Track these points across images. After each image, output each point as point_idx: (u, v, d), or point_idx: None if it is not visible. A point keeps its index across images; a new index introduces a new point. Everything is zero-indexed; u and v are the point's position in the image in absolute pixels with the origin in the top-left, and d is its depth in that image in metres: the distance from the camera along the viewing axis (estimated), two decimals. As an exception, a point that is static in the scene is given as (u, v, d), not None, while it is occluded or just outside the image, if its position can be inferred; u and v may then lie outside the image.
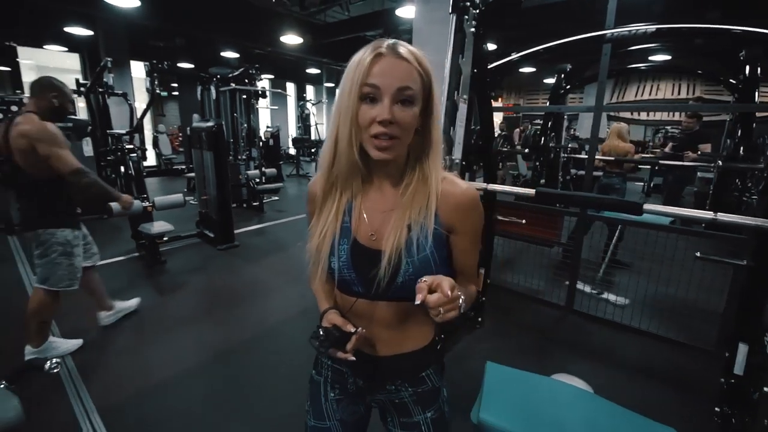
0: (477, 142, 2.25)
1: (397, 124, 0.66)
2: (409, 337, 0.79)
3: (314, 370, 0.90)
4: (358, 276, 0.74)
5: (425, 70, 0.69)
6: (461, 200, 0.73)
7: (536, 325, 2.74)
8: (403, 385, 0.81)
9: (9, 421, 0.98)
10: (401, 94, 0.65)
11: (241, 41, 6.43)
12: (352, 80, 0.66)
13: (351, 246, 0.74)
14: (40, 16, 5.63)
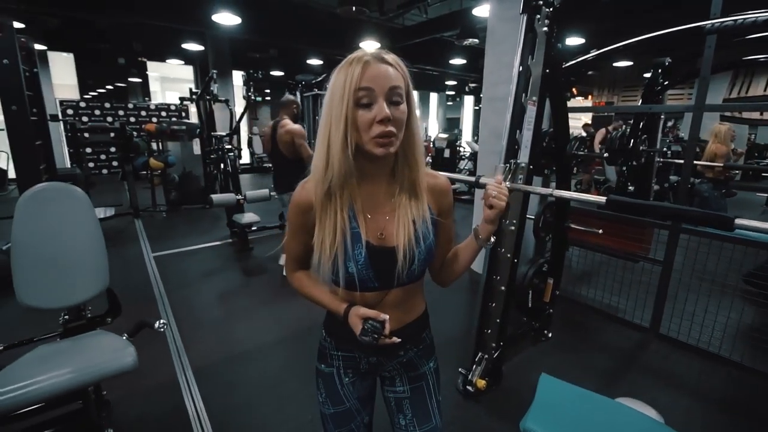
0: (550, 145, 2.15)
1: (394, 122, 0.71)
2: (412, 309, 0.90)
3: (322, 364, 0.95)
4: (375, 273, 0.80)
5: (405, 70, 0.75)
6: (443, 189, 0.86)
7: (612, 345, 2.51)
8: (411, 350, 0.92)
9: (126, 365, 1.24)
10: (393, 93, 0.71)
11: (324, 49, 6.89)
12: (344, 88, 0.70)
13: (367, 249, 0.78)
14: (163, 35, 6.69)
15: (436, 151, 6.44)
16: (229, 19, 4.64)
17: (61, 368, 1.18)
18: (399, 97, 0.72)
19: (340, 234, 0.76)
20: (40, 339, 1.51)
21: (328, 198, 0.77)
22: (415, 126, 0.78)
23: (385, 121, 0.70)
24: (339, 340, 0.91)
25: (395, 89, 0.71)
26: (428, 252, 0.82)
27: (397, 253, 0.77)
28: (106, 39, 6.92)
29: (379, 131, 0.70)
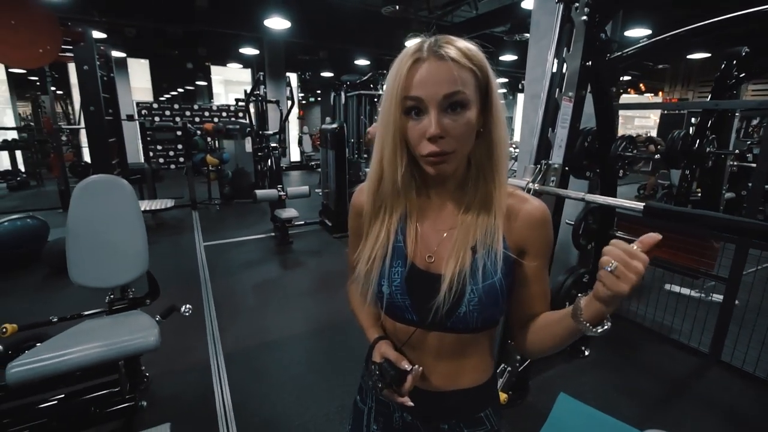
0: (593, 145, 1.97)
1: (450, 136, 0.57)
2: (467, 372, 0.69)
3: (358, 396, 0.82)
4: (413, 303, 0.65)
5: (479, 66, 0.58)
6: (533, 217, 0.63)
7: (661, 368, 2.25)
8: (458, 426, 0.71)
9: (149, 345, 1.34)
10: (449, 101, 0.56)
11: (370, 49, 6.96)
12: (392, 94, 0.58)
13: (407, 269, 0.65)
14: (224, 40, 7.19)
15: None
16: (280, 23, 4.86)
17: (93, 342, 1.31)
18: (460, 103, 0.56)
19: (381, 247, 0.65)
20: (87, 314, 1.68)
21: (379, 211, 0.66)
22: (496, 131, 0.62)
23: (434, 139, 0.56)
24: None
25: (453, 96, 0.55)
26: (488, 295, 0.61)
27: (441, 282, 0.61)
28: (176, 46, 7.56)
29: (428, 151, 0.57)
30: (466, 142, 0.60)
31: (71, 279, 1.61)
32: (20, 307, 2.90)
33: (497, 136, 0.62)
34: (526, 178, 1.67)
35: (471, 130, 0.59)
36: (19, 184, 7.51)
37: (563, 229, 2.28)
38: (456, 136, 0.57)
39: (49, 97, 5.39)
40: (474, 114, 0.59)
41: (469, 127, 0.58)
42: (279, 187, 4.39)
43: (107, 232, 1.66)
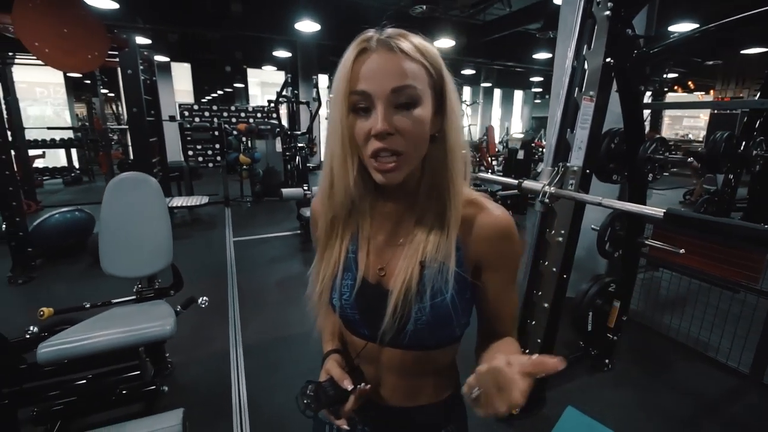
0: (620, 147, 1.87)
1: (400, 134, 0.51)
2: (425, 388, 0.66)
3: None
4: (362, 317, 0.62)
5: (432, 63, 0.53)
6: (491, 228, 0.58)
7: (693, 387, 2.09)
8: None
9: (164, 334, 1.42)
10: (399, 96, 0.50)
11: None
12: (337, 90, 0.53)
13: (356, 282, 0.61)
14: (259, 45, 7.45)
15: (509, 153, 6.05)
16: (309, 26, 4.98)
17: (116, 328, 1.41)
18: (410, 98, 0.51)
19: (334, 263, 0.62)
20: (116, 302, 1.80)
21: (333, 220, 0.61)
22: (452, 136, 0.55)
23: (382, 136, 0.50)
24: None
25: (402, 90, 0.50)
26: (437, 314, 0.57)
27: (388, 300, 0.57)
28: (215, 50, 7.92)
29: (375, 148, 0.51)
30: (418, 144, 0.53)
31: (103, 269, 1.74)
32: (63, 293, 3.15)
33: (453, 141, 0.56)
34: (543, 181, 1.61)
35: (423, 130, 0.53)
36: (73, 180, 8.16)
37: (588, 236, 2.17)
38: (406, 135, 0.51)
39: (99, 100, 5.83)
40: (427, 113, 0.53)
41: (422, 127, 0.52)
42: (305, 186, 4.49)
43: (135, 226, 1.77)
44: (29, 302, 2.97)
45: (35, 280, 3.39)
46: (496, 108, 15.48)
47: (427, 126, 0.53)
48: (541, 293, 1.75)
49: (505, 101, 15.68)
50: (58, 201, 6.30)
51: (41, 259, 3.69)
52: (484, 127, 11.18)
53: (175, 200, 5.29)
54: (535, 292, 1.76)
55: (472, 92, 14.31)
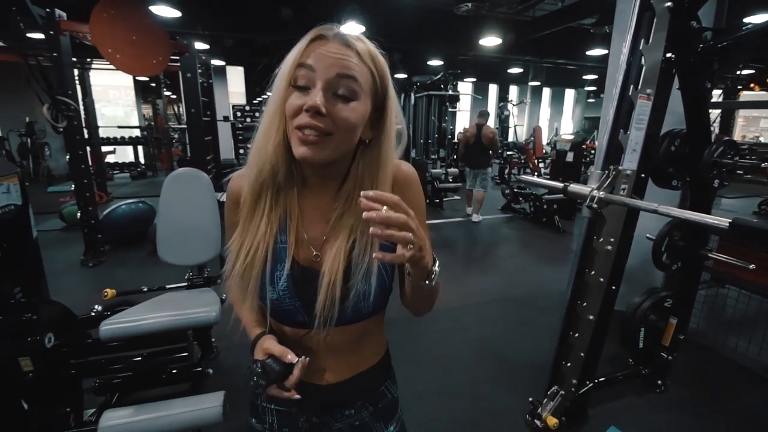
0: (682, 150, 1.72)
1: (331, 118, 0.52)
2: (365, 355, 0.70)
3: (253, 418, 0.76)
4: (302, 304, 0.62)
5: (379, 71, 0.56)
6: (401, 177, 0.64)
7: (759, 418, 1.87)
8: (363, 406, 0.72)
9: (210, 319, 1.51)
10: (340, 83, 0.52)
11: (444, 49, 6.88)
12: (285, 63, 0.54)
13: (290, 271, 0.61)
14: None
15: (557, 155, 5.75)
16: (354, 28, 5.06)
17: (167, 311, 1.52)
18: (350, 91, 0.53)
19: (262, 248, 0.60)
20: (169, 287, 1.95)
21: (257, 198, 0.60)
22: (385, 145, 0.59)
23: (312, 112, 0.51)
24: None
25: (346, 79, 0.52)
26: (372, 284, 0.59)
27: (320, 281, 0.58)
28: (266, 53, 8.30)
29: (303, 122, 0.52)
30: (346, 135, 0.55)
31: (159, 256, 1.88)
32: (126, 276, 3.46)
33: (386, 150, 0.60)
34: (591, 185, 1.52)
35: (353, 123, 0.54)
36: (138, 174, 8.94)
37: (643, 245, 2.02)
38: (337, 120, 0.53)
39: (162, 101, 6.32)
40: (361, 111, 0.55)
41: (355, 118, 0.54)
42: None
43: (188, 218, 1.90)
44: (97, 283, 3.29)
45: (103, 264, 3.76)
46: (545, 108, 14.81)
47: (358, 121, 0.55)
48: (585, 304, 1.66)
49: (555, 101, 14.96)
50: (125, 193, 6.93)
51: (109, 245, 4.08)
52: (531, 127, 10.75)
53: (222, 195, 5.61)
54: (579, 302, 1.66)
55: (519, 91, 13.80)
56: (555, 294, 2.94)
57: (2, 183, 1.37)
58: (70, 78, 3.47)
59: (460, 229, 5.27)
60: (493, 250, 4.54)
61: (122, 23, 3.45)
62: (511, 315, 2.92)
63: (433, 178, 6.07)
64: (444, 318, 2.78)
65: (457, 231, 5.19)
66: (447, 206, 6.36)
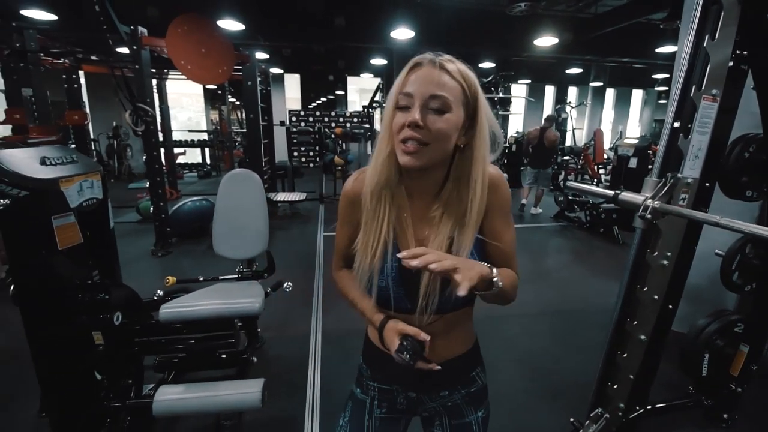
0: (758, 157, 1.53)
1: (428, 129, 0.64)
2: (458, 341, 0.81)
3: (358, 388, 0.89)
4: (406, 292, 0.73)
5: (469, 85, 0.67)
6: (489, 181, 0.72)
7: None
8: (456, 389, 0.83)
9: (253, 310, 1.62)
10: (434, 101, 0.64)
11: (496, 51, 6.69)
12: (392, 91, 0.68)
13: (399, 264, 0.69)
14: (358, 54, 7.91)
15: (618, 160, 5.32)
16: (404, 34, 5.13)
17: (216, 300, 1.66)
18: (443, 104, 0.64)
19: (382, 244, 0.72)
20: (222, 278, 2.12)
21: (378, 200, 0.72)
22: (478, 149, 0.69)
23: (411, 126, 0.64)
24: (376, 370, 0.85)
25: (438, 98, 0.64)
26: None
27: (422, 274, 0.69)
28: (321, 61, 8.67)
29: (405, 135, 0.65)
30: (442, 141, 0.66)
31: (214, 249, 2.06)
32: (188, 266, 3.80)
33: (478, 153, 0.69)
34: (645, 194, 1.41)
35: (448, 131, 0.65)
36: (205, 174, 9.75)
37: (711, 263, 1.83)
38: (433, 130, 0.64)
39: (227, 107, 6.86)
40: (454, 121, 0.66)
41: (448, 127, 0.65)
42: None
43: (240, 215, 2.05)
44: (164, 271, 3.66)
45: (170, 254, 4.16)
46: (608, 110, 13.77)
47: (451, 131, 0.66)
48: (636, 323, 1.53)
49: (620, 102, 13.86)
50: (192, 191, 7.59)
51: (176, 238, 4.50)
52: (592, 131, 10.06)
53: (279, 195, 5.94)
54: (628, 320, 1.54)
55: (578, 93, 12.97)
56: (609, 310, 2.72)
57: (87, 179, 1.59)
58: (149, 87, 3.90)
59: (508, 237, 5.09)
60: (544, 260, 4.31)
61: (193, 37, 3.81)
62: (559, 329, 2.77)
63: (482, 183, 5.91)
64: (484, 326, 2.70)
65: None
66: (495, 212, 6.17)
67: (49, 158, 1.48)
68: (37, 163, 1.43)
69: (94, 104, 9.16)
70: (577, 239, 5.02)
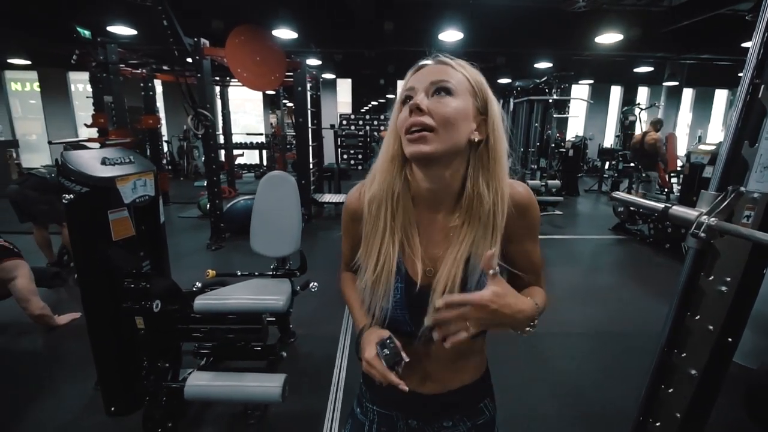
0: None
1: (431, 114, 0.59)
2: (467, 370, 0.74)
3: (358, 407, 0.82)
4: (411, 316, 0.67)
5: (475, 79, 0.64)
6: (518, 204, 0.66)
7: None
8: (461, 420, 0.76)
9: (277, 307, 1.68)
10: (435, 85, 0.60)
11: (553, 50, 6.31)
12: (399, 93, 0.66)
13: (405, 285, 0.66)
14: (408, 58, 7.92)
15: (691, 169, 4.76)
16: (453, 35, 5.04)
17: (246, 295, 1.75)
18: (445, 90, 0.60)
19: (386, 265, 0.66)
20: (257, 275, 2.23)
21: (380, 210, 0.66)
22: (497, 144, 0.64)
23: (415, 111, 0.58)
24: (374, 393, 0.78)
25: (440, 83, 0.60)
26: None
27: (431, 296, 0.63)
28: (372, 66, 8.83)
29: (409, 123, 0.59)
30: (450, 126, 0.59)
31: (251, 247, 2.17)
32: (236, 261, 4.05)
33: (497, 151, 0.64)
34: (700, 208, 1.24)
35: (456, 116, 0.60)
36: (261, 174, 10.37)
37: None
38: (437, 114, 0.59)
39: (280, 111, 7.23)
40: (462, 106, 0.61)
41: (455, 110, 0.60)
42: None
43: (275, 214, 2.15)
44: (215, 264, 3.94)
45: (222, 249, 4.47)
46: (685, 112, 12.38)
47: (459, 117, 0.60)
48: (685, 355, 1.35)
49: (700, 104, 12.41)
50: (248, 190, 8.09)
51: (229, 233, 4.82)
52: (664, 135, 9.13)
53: (325, 196, 6.13)
54: (675, 351, 1.37)
55: (650, 93, 11.82)
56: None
57: (141, 178, 1.76)
58: (210, 94, 4.24)
59: (558, 248, 4.76)
60: (595, 276, 3.98)
61: (250, 46, 4.08)
62: (603, 352, 2.54)
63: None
64: (518, 343, 2.56)
65: (553, 250, 4.70)
66: (544, 221, 5.82)
67: (108, 159, 1.66)
68: (98, 163, 1.62)
69: (168, 109, 10.16)
70: (637, 255, 4.57)
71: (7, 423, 1.86)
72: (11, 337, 2.61)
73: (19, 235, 3.42)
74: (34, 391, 2.05)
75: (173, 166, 10.19)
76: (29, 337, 2.60)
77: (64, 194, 1.52)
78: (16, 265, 2.50)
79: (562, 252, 4.64)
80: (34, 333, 2.61)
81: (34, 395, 2.02)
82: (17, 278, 2.46)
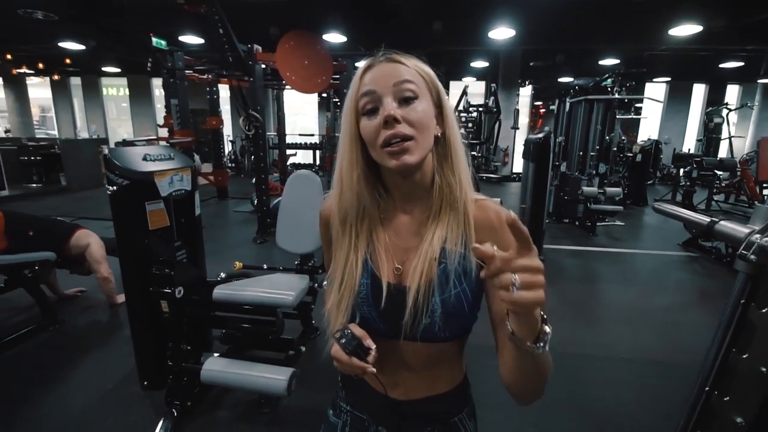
0: None
1: (407, 122, 0.58)
2: (440, 378, 0.70)
3: (331, 410, 0.82)
4: (379, 314, 0.66)
5: (427, 75, 0.63)
6: (491, 222, 0.64)
7: None
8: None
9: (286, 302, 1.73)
10: (401, 89, 0.58)
11: (619, 45, 5.73)
12: (348, 97, 0.63)
13: (371, 281, 0.66)
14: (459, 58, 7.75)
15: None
16: (504, 33, 4.81)
17: (260, 288, 1.82)
18: (411, 92, 0.58)
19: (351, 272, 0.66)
20: (280, 269, 2.32)
21: (344, 222, 0.67)
22: (453, 137, 0.64)
23: (390, 122, 0.57)
24: (350, 393, 0.78)
25: (404, 83, 0.58)
26: (454, 306, 0.61)
27: (407, 295, 0.62)
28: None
29: (385, 136, 0.57)
30: (424, 130, 0.59)
31: (276, 242, 2.26)
32: (276, 255, 4.24)
33: (454, 140, 0.64)
34: (753, 225, 1.06)
35: (427, 120, 0.60)
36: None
37: None
38: (412, 122, 0.58)
39: (330, 113, 7.47)
40: (427, 107, 0.60)
41: (425, 115, 0.59)
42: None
43: (300, 212, 2.21)
44: (259, 256, 4.17)
45: (267, 243, 4.71)
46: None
47: (430, 117, 0.61)
48: (728, 399, 1.15)
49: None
50: (298, 188, 8.49)
51: (274, 228, 5.08)
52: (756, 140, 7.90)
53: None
54: (715, 392, 1.17)
55: (741, 92, 10.30)
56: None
57: (178, 174, 1.91)
58: (261, 97, 4.49)
59: (613, 263, 4.33)
60: (655, 297, 3.54)
61: (299, 51, 4.26)
62: (646, 382, 2.25)
63: (586, 197, 5.18)
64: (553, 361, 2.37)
65: (608, 264, 4.28)
66: (601, 232, 5.33)
67: (150, 155, 1.83)
68: (140, 159, 1.79)
69: (233, 111, 10.98)
70: (709, 275, 3.99)
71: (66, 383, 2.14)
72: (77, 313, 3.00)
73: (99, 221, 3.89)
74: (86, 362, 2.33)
75: (236, 164, 10.98)
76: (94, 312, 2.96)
77: (108, 186, 1.70)
78: (87, 234, 2.89)
79: (616, 267, 4.21)
80: (99, 310, 2.97)
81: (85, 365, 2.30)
82: (90, 244, 2.84)
